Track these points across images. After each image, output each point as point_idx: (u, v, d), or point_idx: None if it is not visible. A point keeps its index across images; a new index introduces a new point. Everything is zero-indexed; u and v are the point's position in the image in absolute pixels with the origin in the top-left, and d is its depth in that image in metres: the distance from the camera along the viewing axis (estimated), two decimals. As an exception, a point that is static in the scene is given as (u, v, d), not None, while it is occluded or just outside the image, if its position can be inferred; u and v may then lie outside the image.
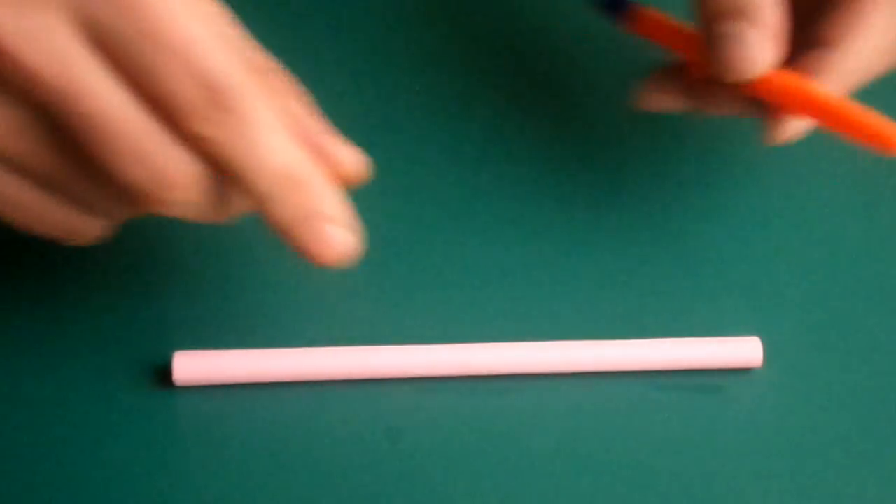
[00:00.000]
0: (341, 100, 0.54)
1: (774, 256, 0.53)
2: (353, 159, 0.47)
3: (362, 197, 0.46)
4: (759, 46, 0.48)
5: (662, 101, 0.51)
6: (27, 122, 0.42)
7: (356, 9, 0.58)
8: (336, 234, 0.45)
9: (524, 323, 0.51)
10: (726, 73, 0.48)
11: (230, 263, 0.51)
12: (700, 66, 0.49)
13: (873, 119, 0.47)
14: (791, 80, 0.48)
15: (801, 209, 0.55)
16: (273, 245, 0.45)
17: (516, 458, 0.48)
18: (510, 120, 0.57)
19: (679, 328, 0.51)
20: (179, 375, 0.48)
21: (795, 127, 0.50)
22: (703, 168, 0.56)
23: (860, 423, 0.49)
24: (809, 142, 0.57)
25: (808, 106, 0.48)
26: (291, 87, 0.45)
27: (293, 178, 0.43)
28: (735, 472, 0.48)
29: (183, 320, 0.50)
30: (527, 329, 0.50)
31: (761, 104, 0.49)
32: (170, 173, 0.42)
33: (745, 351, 0.50)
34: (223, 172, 0.43)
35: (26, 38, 0.40)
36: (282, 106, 0.44)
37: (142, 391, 0.49)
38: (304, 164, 0.44)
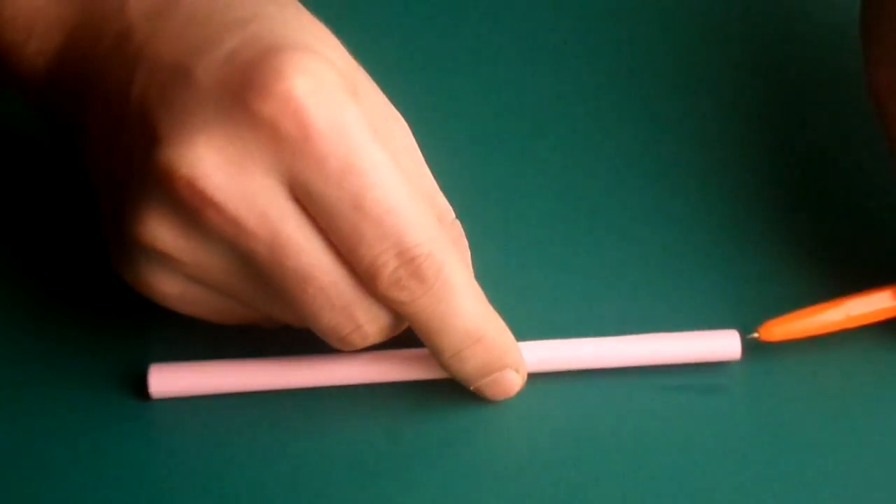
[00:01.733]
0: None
1: (752, 248, 0.53)
2: None
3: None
4: None
5: None
6: (233, 263, 0.44)
7: (352, 9, 0.58)
8: (510, 377, 0.47)
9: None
10: None
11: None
12: None
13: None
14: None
15: (778, 203, 0.54)
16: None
17: (508, 458, 0.48)
18: (504, 119, 0.57)
19: (656, 323, 0.50)
20: (156, 388, 0.48)
21: None
22: (680, 160, 0.56)
23: (839, 414, 0.49)
24: (788, 136, 0.57)
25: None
26: (459, 231, 0.47)
27: (480, 337, 0.46)
28: (712, 463, 0.48)
29: (159, 331, 0.50)
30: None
31: None
32: (365, 325, 0.45)
33: (723, 344, 0.49)
34: (413, 327, 0.45)
35: (240, 195, 0.42)
36: (462, 258, 0.46)
37: (118, 404, 0.49)
38: (489, 321, 0.46)
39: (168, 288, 0.45)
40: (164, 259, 0.44)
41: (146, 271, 0.45)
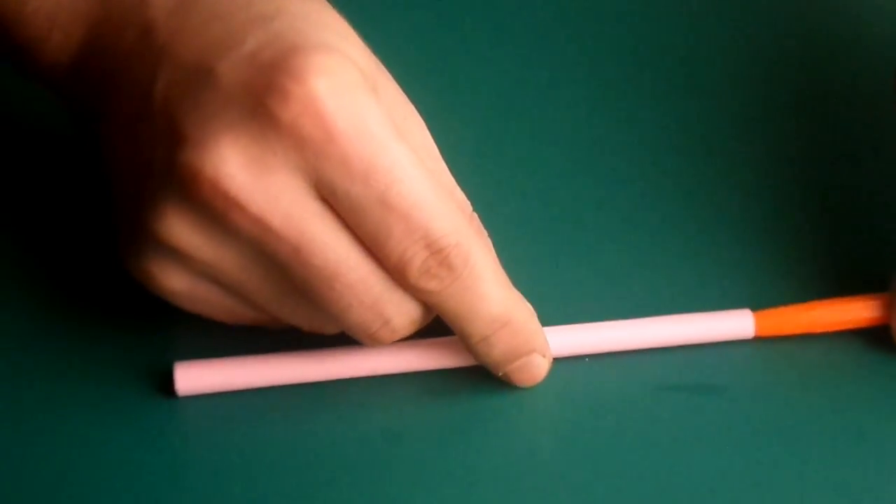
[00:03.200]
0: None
1: (764, 229, 0.54)
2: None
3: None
4: None
5: None
6: (250, 262, 0.44)
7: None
8: (537, 362, 0.48)
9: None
10: None
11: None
12: None
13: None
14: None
15: (789, 183, 0.55)
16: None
17: (515, 458, 0.48)
18: (508, 108, 0.58)
19: (670, 304, 0.51)
20: (182, 386, 0.49)
21: None
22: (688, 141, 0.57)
23: (854, 395, 0.50)
24: (798, 121, 0.57)
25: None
26: (479, 223, 0.48)
27: (507, 321, 0.46)
28: (724, 444, 0.48)
29: (182, 328, 0.50)
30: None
31: None
32: (393, 319, 0.45)
33: (736, 323, 0.50)
34: (442, 316, 0.46)
35: (265, 195, 0.43)
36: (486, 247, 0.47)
37: (144, 403, 0.49)
38: (516, 307, 0.46)
39: (176, 284, 0.46)
40: (179, 255, 0.44)
41: (156, 266, 0.45)
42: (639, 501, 0.47)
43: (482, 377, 0.49)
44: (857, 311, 0.50)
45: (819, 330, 0.50)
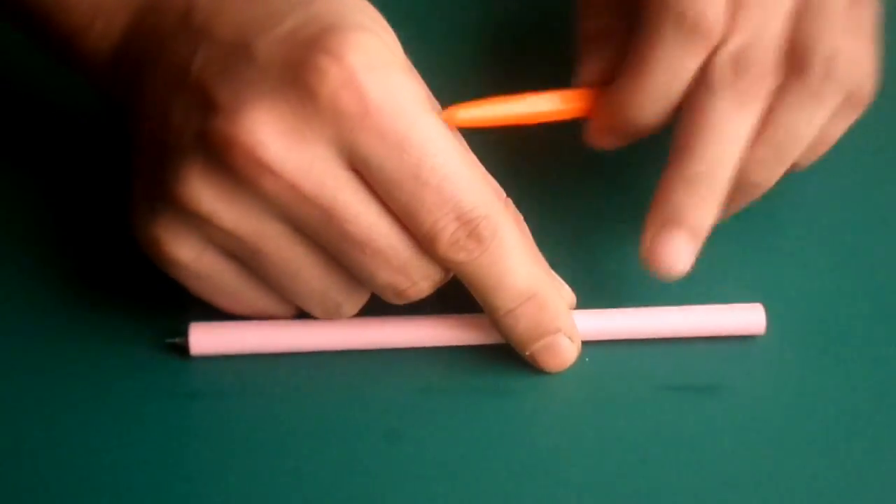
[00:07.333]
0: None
1: (778, 223, 0.54)
2: (566, 293, 0.50)
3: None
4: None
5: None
6: (275, 230, 0.46)
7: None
8: (565, 344, 0.49)
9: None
10: None
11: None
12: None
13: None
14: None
15: (805, 176, 0.55)
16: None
17: (515, 457, 0.48)
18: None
19: (682, 296, 0.51)
20: (196, 346, 0.49)
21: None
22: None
23: (864, 390, 0.50)
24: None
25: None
26: (514, 209, 0.48)
27: (533, 297, 0.47)
28: (737, 437, 0.49)
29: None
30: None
31: None
32: (420, 281, 0.46)
33: (748, 318, 0.50)
34: (469, 287, 0.47)
35: (298, 163, 0.44)
36: (521, 229, 0.47)
37: (159, 363, 0.50)
38: (543, 283, 0.47)
39: (184, 253, 0.46)
40: (197, 221, 0.45)
41: (166, 233, 0.46)
42: (639, 500, 0.47)
43: (483, 377, 0.50)
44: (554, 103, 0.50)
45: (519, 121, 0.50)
